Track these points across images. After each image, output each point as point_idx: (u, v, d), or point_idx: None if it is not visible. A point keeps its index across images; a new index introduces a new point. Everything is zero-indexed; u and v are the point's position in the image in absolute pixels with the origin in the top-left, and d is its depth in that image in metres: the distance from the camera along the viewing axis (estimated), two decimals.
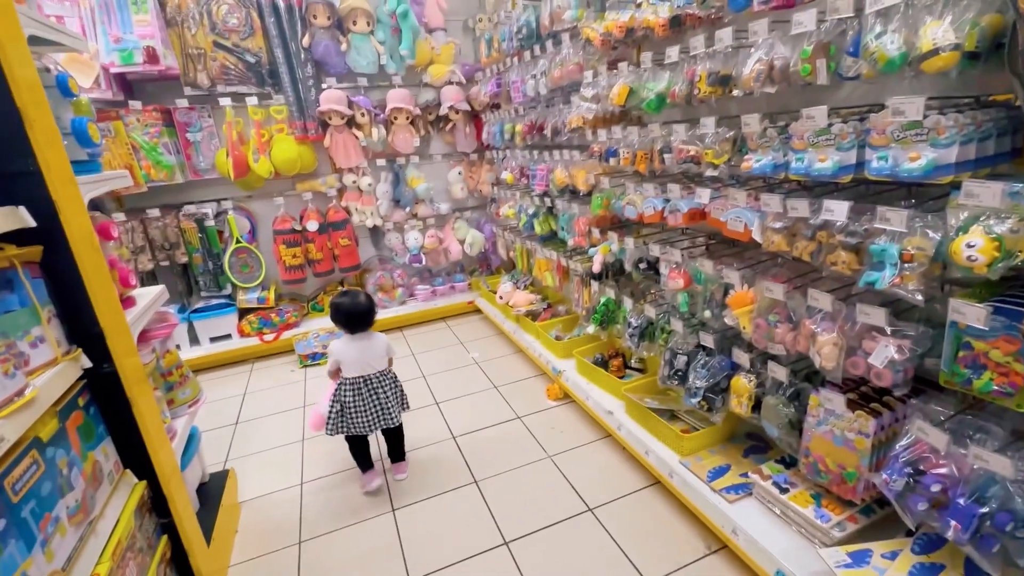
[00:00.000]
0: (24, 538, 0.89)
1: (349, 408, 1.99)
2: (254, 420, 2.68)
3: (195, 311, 3.24)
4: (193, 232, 3.20)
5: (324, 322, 3.49)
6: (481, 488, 2.03)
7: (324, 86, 3.28)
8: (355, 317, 1.99)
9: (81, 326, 1.20)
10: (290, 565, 1.72)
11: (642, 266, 2.02)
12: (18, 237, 1.09)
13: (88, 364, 1.21)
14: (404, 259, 3.78)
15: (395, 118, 3.45)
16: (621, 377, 2.33)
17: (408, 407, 2.18)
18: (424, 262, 3.78)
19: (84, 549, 1.05)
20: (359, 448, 2.09)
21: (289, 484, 2.13)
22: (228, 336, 3.33)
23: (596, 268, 2.25)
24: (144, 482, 1.34)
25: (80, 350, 1.19)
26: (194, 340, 3.26)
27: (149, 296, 1.56)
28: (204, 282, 3.32)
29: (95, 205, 3.10)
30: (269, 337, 3.35)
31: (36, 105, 1.10)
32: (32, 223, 1.09)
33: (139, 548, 1.26)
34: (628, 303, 2.17)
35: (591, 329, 2.43)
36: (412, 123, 3.55)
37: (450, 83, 3.59)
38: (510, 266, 3.98)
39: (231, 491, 1.95)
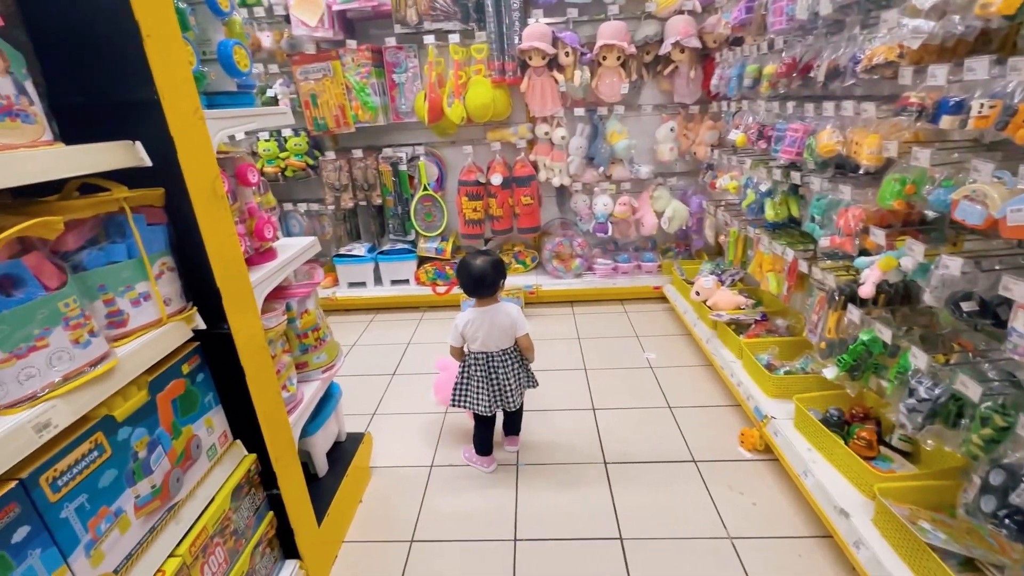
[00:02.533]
0: (62, 544, 0.75)
1: (472, 384, 1.79)
2: (410, 375, 2.63)
3: (382, 252, 3.34)
4: (388, 175, 3.25)
5: None
6: (626, 548, 1.56)
7: (531, 20, 2.88)
8: (484, 277, 1.71)
9: (197, 282, 1.06)
10: (398, 559, 1.55)
11: (968, 307, 1.18)
12: (138, 177, 0.95)
13: (202, 325, 1.07)
14: (588, 226, 3.31)
15: (603, 58, 2.89)
16: (871, 459, 1.54)
17: (535, 384, 1.90)
18: (610, 232, 3.25)
19: (154, 542, 0.93)
20: (483, 429, 1.86)
21: (420, 462, 1.97)
22: (406, 281, 3.39)
23: (866, 290, 1.45)
24: (254, 456, 1.23)
25: (195, 309, 1.06)
26: (378, 280, 3.40)
27: (292, 249, 1.42)
28: (393, 225, 3.40)
29: (316, 143, 3.36)
30: (441, 289, 3.30)
31: (157, 18, 0.91)
32: (147, 161, 0.93)
33: (232, 532, 1.14)
34: (916, 355, 1.34)
35: (830, 373, 1.65)
36: (623, 65, 2.94)
37: (680, 12, 2.84)
38: (715, 252, 3.19)
39: (363, 455, 1.86)
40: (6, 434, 0.68)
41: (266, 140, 3.16)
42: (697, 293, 2.58)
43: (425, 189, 3.24)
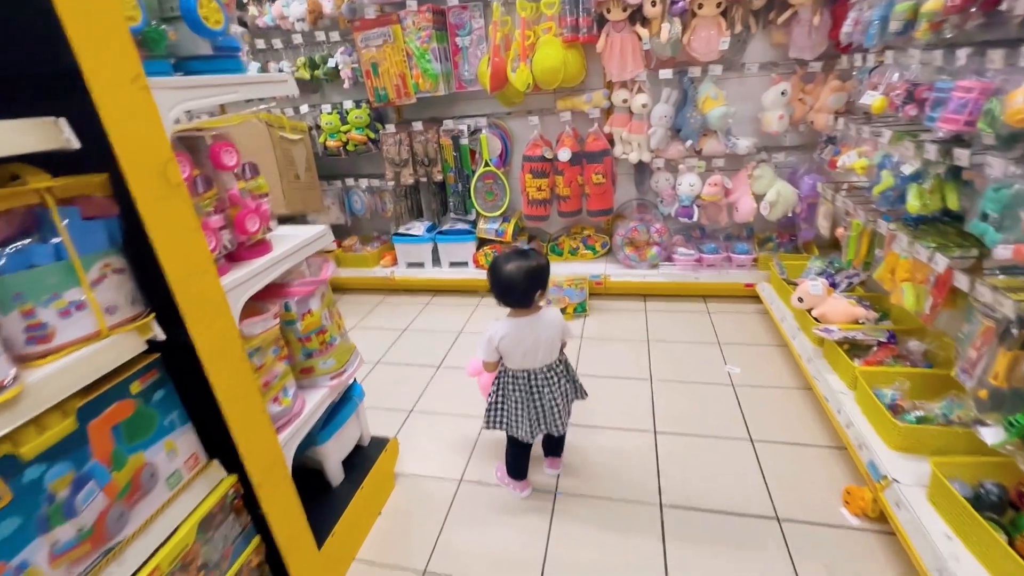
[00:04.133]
0: None
1: (509, 405, 1.52)
2: (456, 368, 2.45)
3: (441, 232, 3.17)
4: (449, 149, 3.02)
5: (561, 269, 2.99)
6: None
7: None
8: (513, 287, 1.40)
9: (151, 284, 0.90)
10: None
11: None
12: (81, 163, 0.78)
13: (161, 336, 0.92)
14: (670, 209, 2.86)
15: (699, 6, 2.38)
16: None
17: (584, 395, 1.62)
18: (696, 217, 2.78)
19: None
20: (518, 451, 1.60)
21: (449, 474, 1.78)
22: (465, 264, 3.19)
23: None
24: (234, 477, 1.08)
25: (151, 317, 0.90)
26: (436, 261, 3.24)
27: (293, 241, 1.24)
28: (454, 204, 3.19)
29: (379, 115, 3.21)
30: None
31: None
32: (73, 142, 0.76)
33: (200, 566, 1.01)
34: None
35: (992, 436, 1.18)
36: (724, 13, 2.41)
37: None
38: (829, 247, 2.61)
39: (386, 463, 1.70)
40: None
41: (328, 113, 3.07)
42: (800, 299, 2.09)
43: (486, 165, 2.97)
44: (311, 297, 1.27)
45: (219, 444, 1.06)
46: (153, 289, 0.91)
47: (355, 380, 1.67)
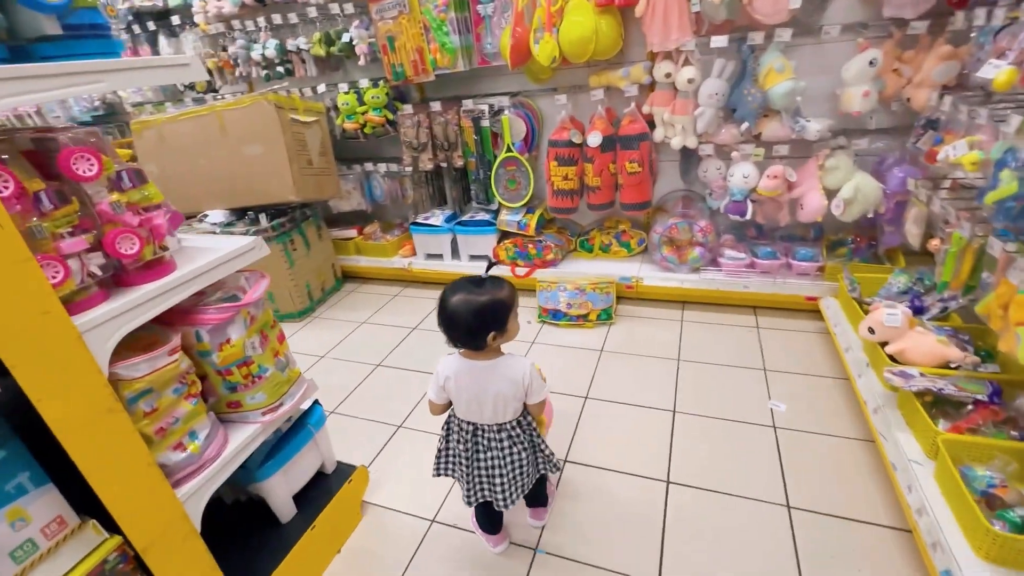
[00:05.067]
0: None
1: (452, 456, 1.28)
2: None
3: (461, 223, 2.92)
4: (469, 132, 2.75)
5: (588, 268, 2.68)
6: None
7: None
8: (455, 325, 1.13)
9: None
10: None
11: None
12: None
13: None
14: (719, 204, 2.43)
15: None
16: None
17: (553, 469, 1.33)
18: (749, 215, 2.34)
19: None
20: (484, 505, 1.34)
21: (422, 511, 1.58)
22: (485, 257, 2.94)
23: None
24: (118, 539, 0.93)
25: None
26: (456, 253, 3.01)
27: (207, 257, 1.04)
28: (476, 192, 2.93)
29: (400, 95, 2.98)
30: (521, 271, 2.79)
31: None
32: None
33: None
34: None
35: None
36: None
37: None
38: (918, 258, 2.09)
39: (351, 493, 1.53)
40: None
41: (345, 92, 2.88)
42: (871, 330, 1.65)
43: (508, 150, 2.67)
44: (229, 324, 1.08)
45: (98, 502, 0.90)
46: None
47: (317, 403, 1.49)
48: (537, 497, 1.46)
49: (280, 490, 1.34)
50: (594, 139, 2.42)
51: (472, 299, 1.11)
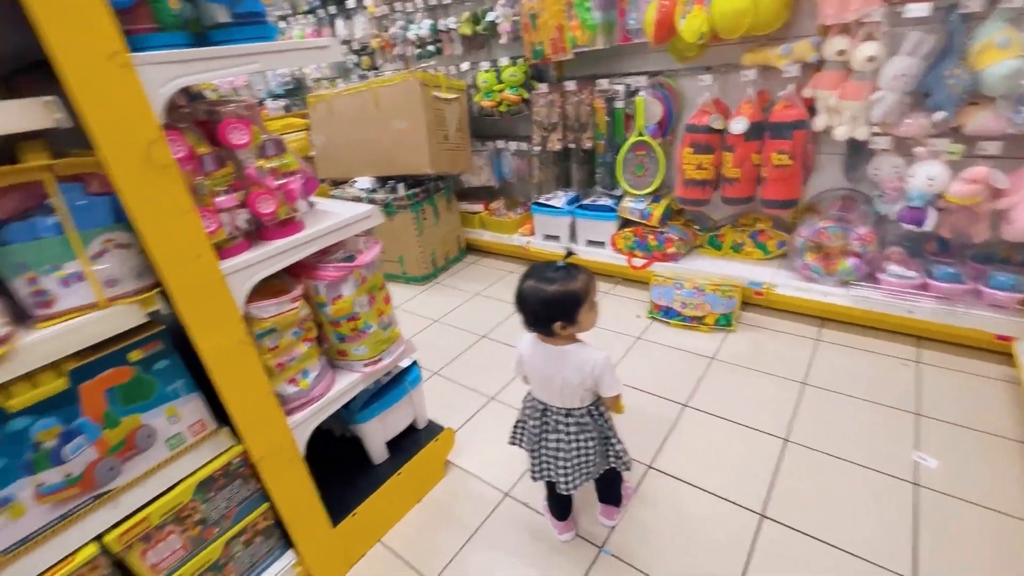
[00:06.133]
0: None
1: (526, 430, 1.31)
2: None
3: (582, 206, 2.88)
4: (601, 113, 2.66)
5: (713, 267, 2.46)
6: None
7: None
8: (523, 308, 1.14)
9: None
10: None
11: None
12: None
13: (165, 310, 0.95)
14: (891, 209, 2.04)
15: None
16: None
17: (625, 467, 1.29)
18: (930, 225, 1.92)
19: (65, 529, 0.91)
20: (552, 489, 1.35)
21: (498, 482, 1.64)
22: (601, 244, 2.86)
23: None
24: (240, 447, 1.13)
25: (155, 292, 0.94)
26: (573, 237, 2.98)
27: (328, 221, 1.17)
28: (601, 176, 2.85)
29: (538, 74, 2.98)
30: (638, 262, 2.66)
31: None
32: (66, 122, 0.78)
33: (198, 521, 1.09)
34: None
35: None
36: None
37: None
38: None
39: (435, 452, 1.64)
40: None
41: (485, 71, 2.97)
42: None
43: (640, 134, 2.53)
44: (342, 282, 1.21)
45: (228, 417, 1.10)
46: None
47: (415, 364, 1.61)
48: (609, 494, 1.42)
49: (375, 434, 1.50)
50: (738, 125, 2.17)
51: (541, 287, 1.09)
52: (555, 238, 3.04)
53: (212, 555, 1.13)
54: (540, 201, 3.01)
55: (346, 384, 1.30)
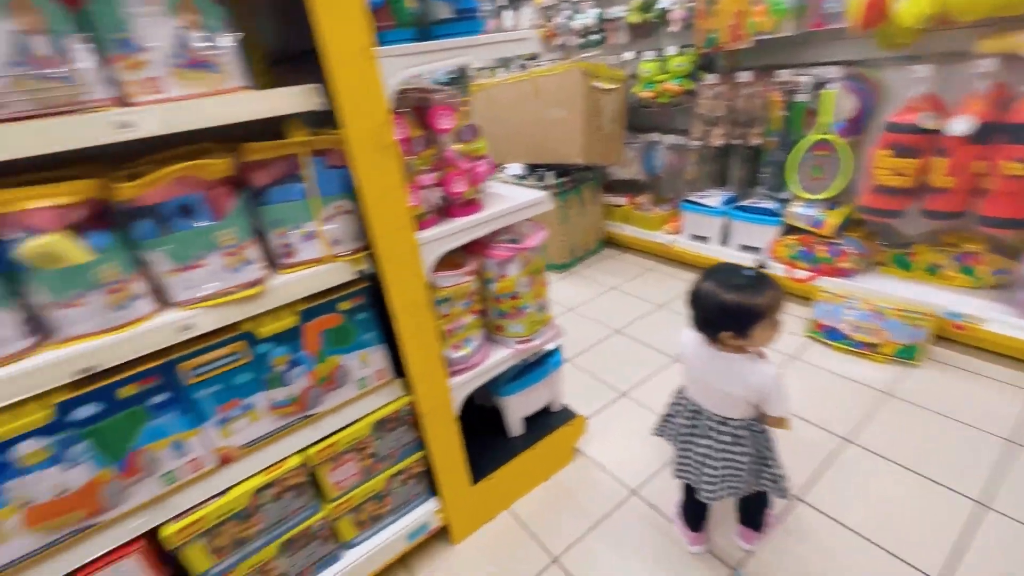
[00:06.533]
0: (194, 415, 0.98)
1: (674, 425, 1.26)
2: None
3: (739, 207, 2.67)
4: (777, 107, 2.42)
5: (897, 289, 2.14)
6: None
7: None
8: (694, 307, 1.09)
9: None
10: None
11: None
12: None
13: (370, 270, 1.11)
14: None
15: None
16: None
17: (781, 494, 1.19)
18: None
19: (284, 437, 1.12)
20: (689, 494, 1.32)
21: (627, 478, 1.63)
22: (757, 250, 2.63)
23: None
24: (408, 398, 1.28)
25: (364, 254, 1.09)
26: (725, 239, 2.78)
27: (503, 204, 1.25)
28: (766, 176, 2.61)
29: (707, 64, 2.81)
30: (800, 274, 2.41)
31: None
32: (322, 105, 0.95)
33: (371, 454, 1.26)
34: None
35: None
36: None
37: None
38: None
39: (565, 436, 1.68)
40: (154, 328, 0.89)
41: (649, 60, 2.87)
42: None
43: (824, 132, 2.26)
44: (509, 262, 1.28)
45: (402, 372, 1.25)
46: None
47: (558, 349, 1.66)
48: (752, 518, 1.33)
49: (516, 409, 1.58)
50: (960, 125, 1.83)
51: (720, 292, 1.04)
52: (703, 239, 2.87)
53: (377, 486, 1.29)
54: (692, 199, 2.86)
55: (499, 357, 1.39)
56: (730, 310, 1.03)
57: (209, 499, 1.04)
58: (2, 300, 0.80)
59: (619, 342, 2.38)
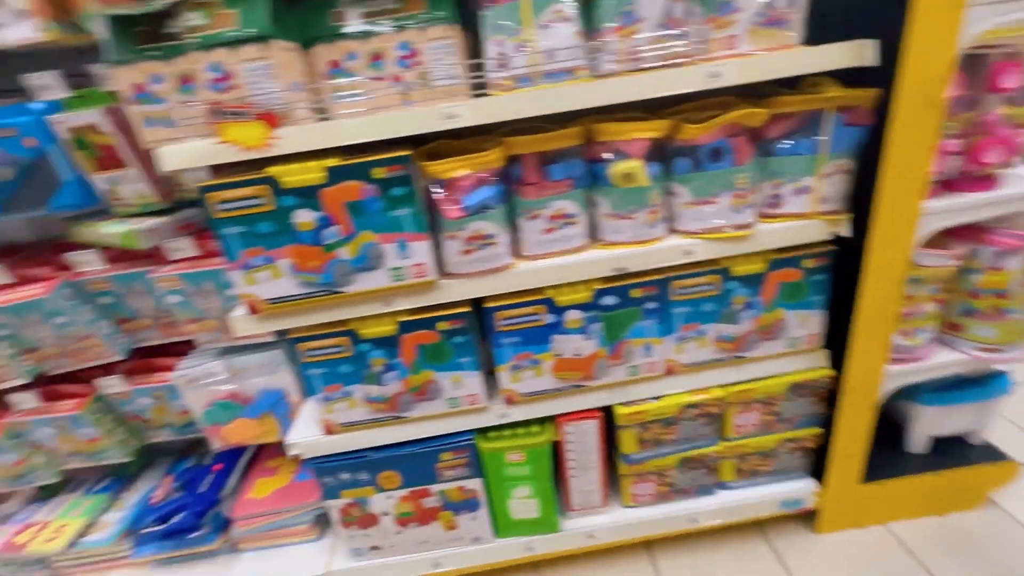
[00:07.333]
0: (664, 323, 1.17)
1: None
2: None
3: None
4: None
5: None
6: None
7: None
8: None
9: (859, 189, 1.07)
10: None
11: None
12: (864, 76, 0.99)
13: (845, 233, 1.10)
14: None
15: None
16: None
17: None
18: None
19: (717, 368, 1.24)
20: None
21: None
22: None
23: None
24: (832, 372, 1.25)
25: (846, 216, 1.09)
26: None
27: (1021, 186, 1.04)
28: None
29: None
30: None
31: None
32: (871, 61, 0.95)
33: (774, 412, 1.30)
34: None
35: None
36: None
37: None
38: None
39: (980, 477, 1.39)
40: (666, 247, 1.09)
41: None
42: None
43: None
44: (1012, 254, 1.08)
45: (837, 343, 1.22)
46: (857, 194, 1.07)
47: (1006, 372, 1.36)
48: None
49: (927, 423, 1.38)
50: None
51: None
52: None
53: (767, 444, 1.33)
54: None
55: (948, 359, 1.21)
56: None
57: (650, 398, 1.24)
58: (584, 207, 1.09)
59: None
